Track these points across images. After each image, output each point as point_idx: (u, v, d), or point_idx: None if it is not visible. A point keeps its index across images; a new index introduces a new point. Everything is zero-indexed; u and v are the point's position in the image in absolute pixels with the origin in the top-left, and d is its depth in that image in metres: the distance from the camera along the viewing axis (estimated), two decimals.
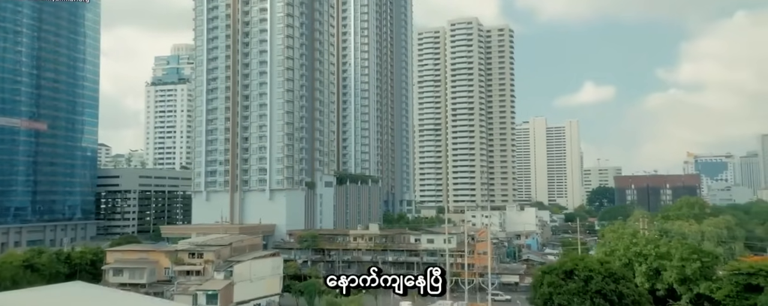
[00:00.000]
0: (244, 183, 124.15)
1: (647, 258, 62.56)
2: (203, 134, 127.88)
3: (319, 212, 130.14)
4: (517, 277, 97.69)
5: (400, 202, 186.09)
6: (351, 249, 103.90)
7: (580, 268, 51.02)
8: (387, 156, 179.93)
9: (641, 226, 79.26)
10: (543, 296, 51.70)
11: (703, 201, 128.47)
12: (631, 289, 51.22)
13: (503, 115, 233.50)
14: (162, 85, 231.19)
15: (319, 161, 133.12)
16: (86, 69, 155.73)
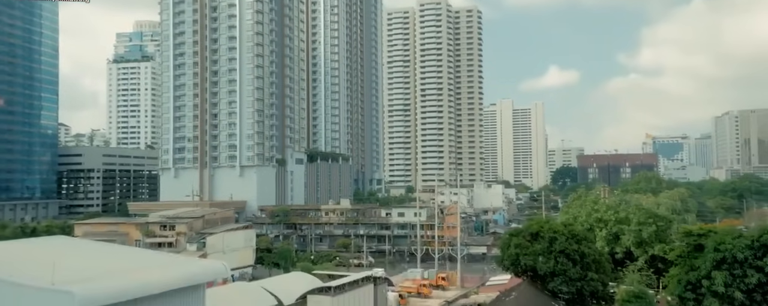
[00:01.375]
0: (214, 159, 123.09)
1: (607, 223, 65.88)
2: (170, 110, 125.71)
3: (290, 189, 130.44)
4: (484, 248, 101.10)
5: (370, 180, 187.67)
6: (323, 223, 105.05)
7: (545, 230, 53.32)
8: (357, 135, 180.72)
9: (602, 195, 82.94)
10: (510, 257, 53.87)
11: (659, 176, 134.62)
12: (592, 250, 54.00)
13: (471, 96, 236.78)
14: (124, 62, 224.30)
15: (290, 138, 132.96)
16: (44, 43, 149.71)
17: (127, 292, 23.81)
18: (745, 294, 30.08)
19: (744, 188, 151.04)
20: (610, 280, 56.24)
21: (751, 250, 30.74)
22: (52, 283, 21.81)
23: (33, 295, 21.14)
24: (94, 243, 44.22)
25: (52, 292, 21.54)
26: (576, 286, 50.65)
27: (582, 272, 51.36)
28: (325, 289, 45.34)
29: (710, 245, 32.76)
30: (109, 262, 28.94)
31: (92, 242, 44.61)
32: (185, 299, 27.45)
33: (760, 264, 30.06)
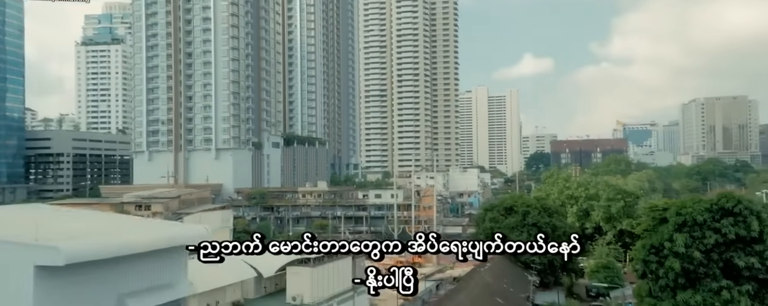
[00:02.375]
0: (189, 143, 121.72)
1: (578, 200, 68.25)
2: (143, 92, 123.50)
3: (266, 173, 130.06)
4: (460, 228, 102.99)
5: (346, 165, 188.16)
6: (300, 205, 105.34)
7: (519, 205, 55.18)
8: (334, 120, 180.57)
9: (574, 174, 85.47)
10: (485, 231, 55.62)
11: (628, 159, 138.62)
12: (563, 223, 56.11)
13: (447, 82, 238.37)
14: (94, 45, 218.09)
15: (266, 121, 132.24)
16: (9, 24, 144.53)
17: (110, 250, 24.13)
18: (703, 254, 31.93)
19: (708, 171, 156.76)
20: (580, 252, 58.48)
21: (710, 212, 32.57)
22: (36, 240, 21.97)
23: (19, 252, 21.27)
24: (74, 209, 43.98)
25: (38, 248, 21.70)
26: (548, 257, 52.68)
27: None
28: (305, 260, 46.06)
29: (673, 210, 34.52)
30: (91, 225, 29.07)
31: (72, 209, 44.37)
32: (168, 260, 27.86)
33: (717, 226, 31.90)
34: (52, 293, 22.72)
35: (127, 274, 24.78)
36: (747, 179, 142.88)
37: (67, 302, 22.88)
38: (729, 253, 31.60)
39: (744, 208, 31.87)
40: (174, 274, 28.02)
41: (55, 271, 22.44)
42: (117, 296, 24.07)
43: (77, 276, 23.01)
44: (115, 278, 24.08)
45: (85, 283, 23.17)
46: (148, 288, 26.21)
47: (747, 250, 31.32)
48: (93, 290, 23.20)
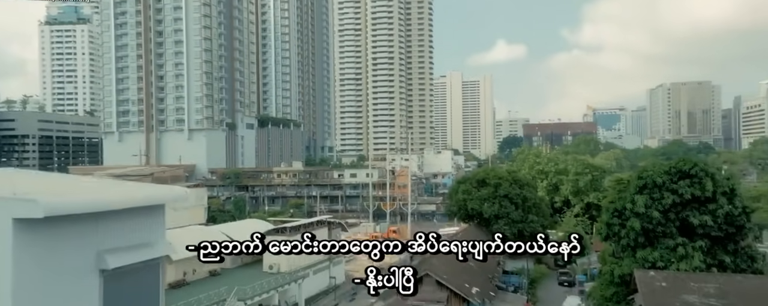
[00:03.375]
0: (161, 123, 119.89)
1: (548, 175, 70.31)
2: (113, 72, 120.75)
3: (240, 154, 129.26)
4: (434, 206, 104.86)
5: (321, 148, 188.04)
6: (275, 185, 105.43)
7: (491, 177, 56.63)
8: (308, 102, 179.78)
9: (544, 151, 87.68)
10: (458, 202, 57.02)
11: (597, 139, 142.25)
12: (533, 195, 57.90)
13: (422, 67, 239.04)
14: (58, 24, 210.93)
15: (240, 102, 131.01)
16: None
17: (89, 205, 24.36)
18: (661, 213, 33.67)
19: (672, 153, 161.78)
20: (548, 223, 60.54)
21: (668, 175, 34.30)
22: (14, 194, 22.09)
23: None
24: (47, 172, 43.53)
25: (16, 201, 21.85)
26: (518, 227, 54.51)
27: (523, 215, 55.24)
28: (281, 229, 46.69)
29: (634, 175, 36.18)
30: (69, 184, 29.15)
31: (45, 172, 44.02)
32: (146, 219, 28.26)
33: (675, 187, 33.64)
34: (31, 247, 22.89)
35: (106, 231, 24.98)
36: (709, 160, 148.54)
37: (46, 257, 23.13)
38: (685, 213, 33.40)
39: (699, 170, 33.68)
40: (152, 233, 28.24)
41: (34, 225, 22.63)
42: (96, 253, 24.43)
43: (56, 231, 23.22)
44: (94, 234, 24.26)
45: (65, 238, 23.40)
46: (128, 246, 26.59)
47: (701, 209, 33.15)
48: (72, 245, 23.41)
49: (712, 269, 32.84)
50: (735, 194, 33.40)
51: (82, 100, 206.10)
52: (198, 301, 35.34)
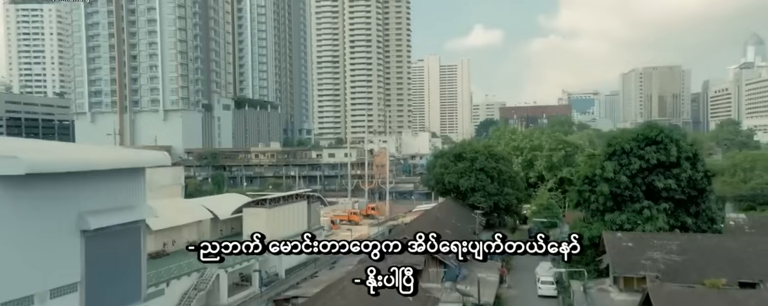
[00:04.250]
0: (135, 103, 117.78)
1: (523, 151, 71.85)
2: (83, 51, 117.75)
3: (217, 135, 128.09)
4: (411, 185, 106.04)
5: (299, 130, 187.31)
6: (253, 165, 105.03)
7: (467, 151, 57.73)
8: (285, 84, 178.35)
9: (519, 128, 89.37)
10: (436, 176, 58.07)
11: (571, 120, 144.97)
12: (509, 168, 59.29)
13: (399, 50, 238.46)
14: (24, 3, 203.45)
15: (216, 83, 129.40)
16: None
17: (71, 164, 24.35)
18: (629, 178, 35.22)
19: None
20: (523, 197, 62.12)
21: (636, 141, 35.79)
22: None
23: None
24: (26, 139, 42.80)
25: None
26: (493, 200, 55.85)
27: (499, 188, 56.57)
28: (261, 201, 47.02)
29: (604, 143, 37.53)
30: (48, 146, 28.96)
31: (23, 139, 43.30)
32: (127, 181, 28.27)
33: (642, 153, 35.17)
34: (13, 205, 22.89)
35: (88, 193, 25.09)
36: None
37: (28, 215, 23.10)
38: (651, 177, 35.01)
39: (665, 136, 35.22)
40: (133, 196, 28.35)
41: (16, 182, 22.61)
42: (78, 214, 24.49)
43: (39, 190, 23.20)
44: (75, 195, 24.37)
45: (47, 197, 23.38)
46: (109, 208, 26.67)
47: (666, 173, 34.79)
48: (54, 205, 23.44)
49: (676, 230, 34.61)
50: (697, 159, 35.07)
51: (51, 81, 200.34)
52: (179, 267, 35.66)
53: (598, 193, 36.18)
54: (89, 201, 26.69)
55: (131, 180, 29.70)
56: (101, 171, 26.96)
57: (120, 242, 29.24)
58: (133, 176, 29.78)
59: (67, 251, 25.08)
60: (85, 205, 26.37)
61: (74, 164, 25.37)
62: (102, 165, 26.60)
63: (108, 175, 28.05)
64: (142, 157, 32.72)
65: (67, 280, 26.38)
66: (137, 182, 30.36)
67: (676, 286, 23.37)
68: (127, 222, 29.22)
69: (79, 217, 26.45)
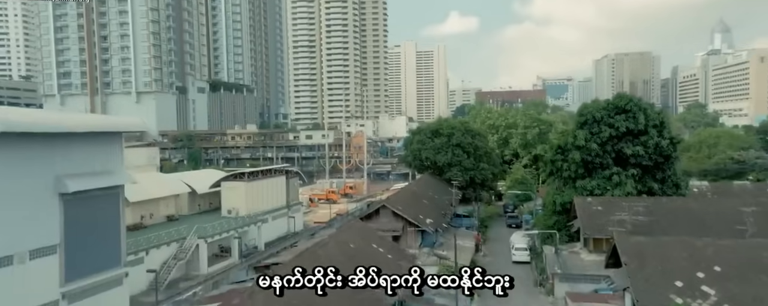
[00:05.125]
0: (106, 85, 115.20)
1: (498, 129, 73.07)
2: (51, 31, 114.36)
3: (192, 118, 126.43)
4: (389, 167, 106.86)
5: (275, 115, 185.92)
6: (230, 147, 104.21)
7: (444, 127, 58.58)
8: (261, 68, 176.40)
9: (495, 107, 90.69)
10: (413, 152, 58.81)
11: (545, 103, 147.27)
12: (484, 143, 60.41)
13: (376, 35, 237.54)
14: None
15: (190, 65, 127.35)
16: None
17: (48, 124, 24.19)
18: (599, 146, 36.44)
19: None
20: (499, 172, 63.37)
21: (606, 110, 36.98)
22: None
23: None
24: None
25: None
26: (470, 174, 56.93)
27: (475, 163, 57.66)
28: (239, 175, 47.04)
29: (576, 112, 38.65)
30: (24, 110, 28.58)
31: None
32: (105, 146, 28.07)
33: (612, 121, 36.38)
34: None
35: (65, 156, 25.00)
36: None
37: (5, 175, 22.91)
38: (620, 145, 36.29)
39: (634, 105, 36.49)
40: (111, 161, 28.32)
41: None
42: (55, 176, 24.32)
43: (16, 150, 23.03)
44: (53, 157, 24.29)
45: (24, 158, 23.23)
46: (87, 172, 26.46)
47: (634, 141, 36.11)
48: (32, 166, 23.30)
49: (643, 196, 36.03)
50: (664, 127, 36.48)
51: (16, 64, 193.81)
52: (158, 237, 35.66)
53: (570, 160, 37.35)
54: (67, 164, 26.61)
55: (108, 145, 29.59)
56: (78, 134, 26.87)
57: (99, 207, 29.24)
58: (110, 141, 29.68)
59: (45, 213, 25.05)
60: (62, 168, 26.30)
61: (50, 125, 25.24)
62: (78, 127, 26.48)
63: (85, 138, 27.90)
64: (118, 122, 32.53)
65: (46, 241, 26.32)
66: (114, 148, 30.21)
67: (640, 237, 24.58)
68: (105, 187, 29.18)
69: (57, 180, 26.35)
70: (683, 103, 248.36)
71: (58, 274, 24.96)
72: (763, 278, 20.03)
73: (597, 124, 36.81)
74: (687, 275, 20.67)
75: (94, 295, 26.82)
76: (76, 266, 26.46)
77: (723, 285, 20.04)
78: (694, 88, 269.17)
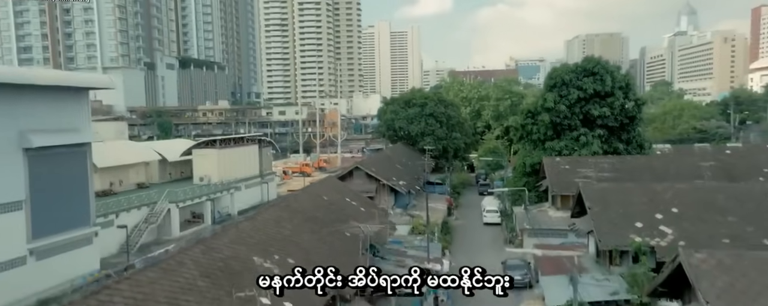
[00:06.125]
0: (70, 61, 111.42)
1: (471, 101, 73.76)
2: (9, 3, 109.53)
3: (161, 95, 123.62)
4: (363, 142, 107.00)
5: (248, 94, 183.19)
6: (201, 123, 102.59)
7: (417, 97, 58.83)
8: (232, 45, 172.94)
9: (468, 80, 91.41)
10: (387, 122, 59.01)
11: (518, 80, 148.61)
12: (457, 113, 60.99)
13: (349, 15, 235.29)
14: None
15: (158, 41, 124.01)
16: None
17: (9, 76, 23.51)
18: (568, 108, 37.29)
19: None
20: (471, 141, 64.19)
21: (575, 73, 37.77)
22: None
23: None
24: None
25: None
26: (442, 144, 57.51)
27: (447, 132, 58.25)
28: (211, 142, 46.49)
29: (546, 76, 39.34)
30: None
31: None
32: (70, 103, 27.43)
33: (580, 83, 37.21)
34: None
35: (30, 111, 24.40)
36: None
37: None
38: (588, 106, 37.20)
39: (601, 67, 37.34)
40: (77, 118, 27.76)
41: None
42: (18, 131, 23.74)
43: None
44: (16, 112, 23.70)
45: None
46: (53, 129, 25.88)
47: (601, 103, 37.06)
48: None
49: (609, 155, 37.14)
50: (630, 89, 37.51)
51: None
52: (129, 199, 35.19)
53: (540, 123, 38.16)
54: (31, 119, 25.98)
55: (74, 101, 28.94)
56: (42, 89, 26.16)
57: (66, 164, 28.66)
58: (76, 98, 29.01)
59: (9, 168, 24.44)
60: (26, 123, 25.68)
61: (12, 76, 24.47)
62: (42, 80, 25.77)
63: (49, 94, 27.22)
64: (84, 78, 31.81)
65: (11, 197, 25.74)
66: (80, 105, 29.57)
67: (604, 184, 25.48)
68: (71, 143, 28.57)
69: (20, 135, 25.69)
70: (650, 83, 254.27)
71: (25, 231, 24.56)
72: (717, 217, 21.09)
73: (566, 87, 37.60)
74: (647, 217, 21.61)
75: (63, 252, 26.49)
76: (43, 223, 26.05)
77: (680, 224, 21.03)
78: (661, 68, 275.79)
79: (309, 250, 18.21)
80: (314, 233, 19.72)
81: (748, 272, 11.50)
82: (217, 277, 13.58)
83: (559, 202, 34.25)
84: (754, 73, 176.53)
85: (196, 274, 13.21)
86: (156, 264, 12.86)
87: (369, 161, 39.38)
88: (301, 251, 17.79)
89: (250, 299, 12.39)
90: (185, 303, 11.90)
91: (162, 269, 12.63)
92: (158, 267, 12.65)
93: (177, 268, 13.04)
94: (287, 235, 18.50)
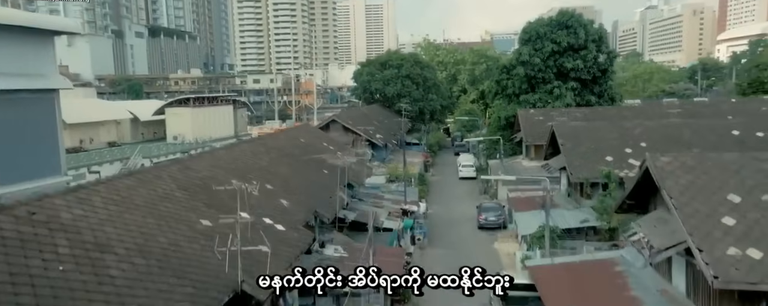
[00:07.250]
0: None
1: (447, 66, 73.81)
2: None
3: (130, 64, 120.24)
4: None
5: (221, 65, 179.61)
6: (173, 91, 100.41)
7: (393, 59, 58.60)
8: (204, 16, 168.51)
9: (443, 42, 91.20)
10: (363, 84, 58.80)
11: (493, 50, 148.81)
12: (433, 75, 61.09)
13: None
14: None
15: (126, 8, 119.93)
16: None
17: None
18: (542, 61, 37.73)
19: None
20: (447, 103, 64.55)
21: (549, 27, 38.10)
22: None
23: None
24: None
25: None
26: (419, 105, 57.69)
27: (424, 94, 58.40)
28: (184, 101, 45.79)
29: (521, 30, 39.62)
30: None
31: None
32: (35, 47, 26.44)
33: (554, 37, 37.59)
34: None
35: None
36: None
37: None
38: (561, 59, 37.70)
39: (575, 21, 37.74)
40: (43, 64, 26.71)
41: None
42: None
43: None
44: None
45: None
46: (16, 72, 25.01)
47: (575, 55, 37.58)
48: None
49: (582, 107, 37.88)
50: (602, 42, 38.08)
51: None
52: (100, 154, 34.59)
53: (515, 76, 38.58)
54: None
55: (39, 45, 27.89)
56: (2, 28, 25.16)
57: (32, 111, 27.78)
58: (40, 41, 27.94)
59: None
60: None
61: None
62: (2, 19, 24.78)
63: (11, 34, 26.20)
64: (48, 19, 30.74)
65: None
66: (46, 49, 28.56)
67: (576, 122, 26.09)
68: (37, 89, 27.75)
69: None
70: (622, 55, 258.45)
71: None
72: (682, 150, 21.86)
73: (540, 40, 37.96)
74: (617, 151, 22.31)
75: None
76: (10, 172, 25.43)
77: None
78: (633, 41, 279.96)
79: (287, 180, 18.31)
80: (291, 167, 19.82)
81: (710, 170, 12.06)
82: (195, 191, 13.62)
83: (533, 152, 34.97)
84: (721, 43, 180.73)
85: (174, 187, 13.23)
86: (132, 174, 12.85)
87: (346, 114, 39.39)
88: (280, 179, 17.88)
89: (230, 211, 12.48)
90: (164, 208, 11.94)
91: (139, 179, 12.62)
92: (135, 176, 12.63)
93: (154, 180, 13.03)
94: (265, 165, 18.55)
